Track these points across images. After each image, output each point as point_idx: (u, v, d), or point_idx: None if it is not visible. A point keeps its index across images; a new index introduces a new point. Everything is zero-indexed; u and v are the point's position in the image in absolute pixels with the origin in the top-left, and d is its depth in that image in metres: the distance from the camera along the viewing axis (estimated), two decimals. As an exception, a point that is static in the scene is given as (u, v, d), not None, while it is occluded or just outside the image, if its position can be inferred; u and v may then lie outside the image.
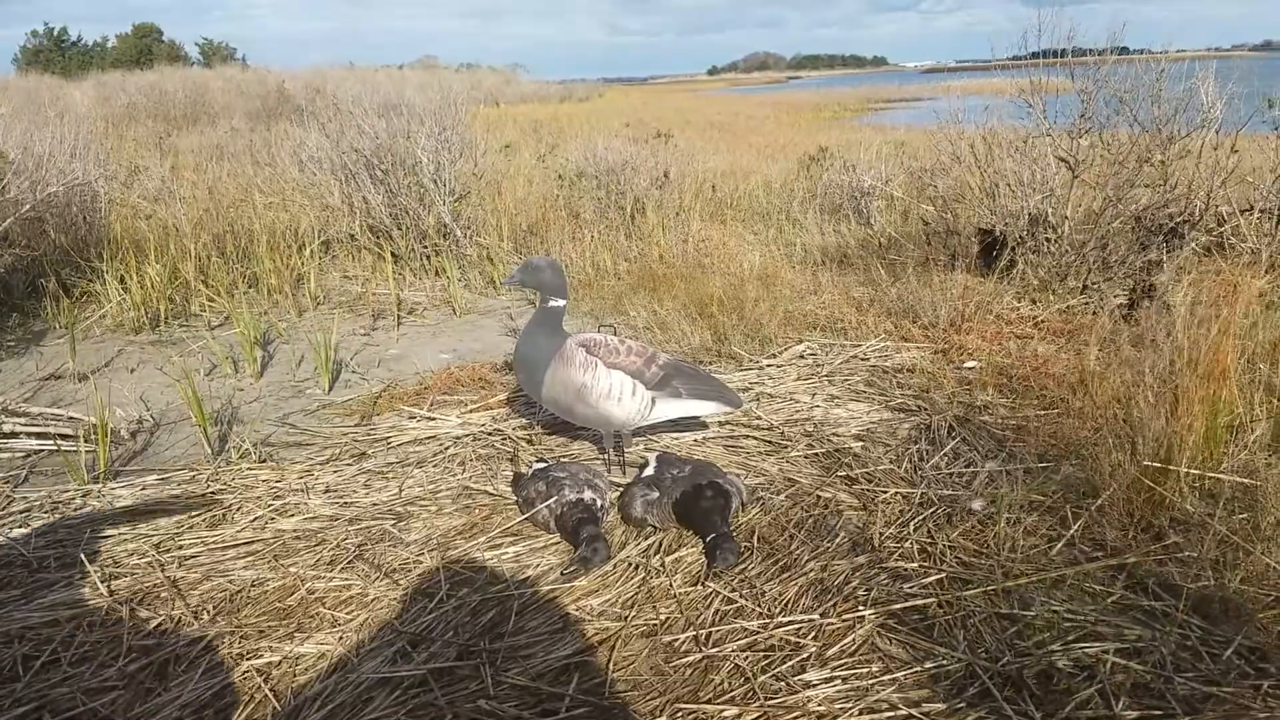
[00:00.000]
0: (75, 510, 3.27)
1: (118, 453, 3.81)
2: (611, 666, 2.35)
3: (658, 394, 3.44)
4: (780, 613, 2.52)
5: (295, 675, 2.35)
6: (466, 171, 7.44)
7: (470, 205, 7.37)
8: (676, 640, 2.44)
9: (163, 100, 19.99)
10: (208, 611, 2.64)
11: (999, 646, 2.30)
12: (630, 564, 2.81)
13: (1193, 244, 5.43)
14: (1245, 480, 2.85)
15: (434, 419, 4.04)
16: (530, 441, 3.81)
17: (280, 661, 2.40)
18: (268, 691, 2.28)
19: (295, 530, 3.10)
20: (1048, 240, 5.51)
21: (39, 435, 3.87)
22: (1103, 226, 5.38)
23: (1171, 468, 2.84)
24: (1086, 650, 2.27)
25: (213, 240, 6.91)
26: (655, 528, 3.01)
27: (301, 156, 8.01)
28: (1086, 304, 5.18)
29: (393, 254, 6.76)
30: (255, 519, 3.17)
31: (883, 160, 8.33)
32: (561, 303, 3.53)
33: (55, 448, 3.72)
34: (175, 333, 5.59)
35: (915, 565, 2.71)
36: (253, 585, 2.76)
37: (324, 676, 2.33)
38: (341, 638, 2.49)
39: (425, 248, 6.99)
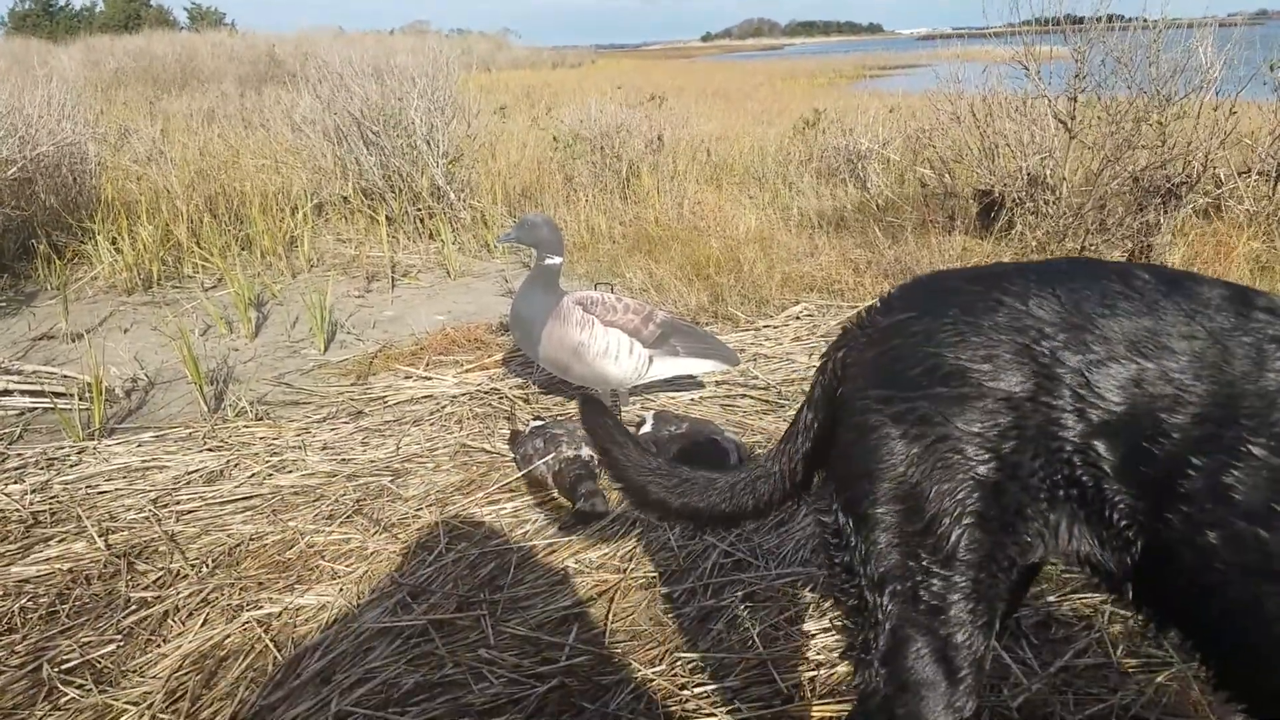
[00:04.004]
0: (71, 466, 3.26)
1: (113, 411, 3.80)
2: (611, 617, 2.36)
3: (655, 352, 3.44)
4: (777, 565, 2.52)
5: (296, 626, 2.36)
6: (459, 133, 7.38)
7: (463, 168, 7.31)
8: (674, 592, 2.44)
9: (151, 64, 19.72)
10: (207, 565, 2.65)
11: (997, 597, 2.31)
12: (628, 519, 2.81)
13: (1190, 206, 5.42)
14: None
15: (430, 379, 4.03)
16: (527, 400, 3.81)
17: (280, 613, 2.40)
18: (268, 641, 2.28)
19: (293, 486, 3.09)
20: (1046, 201, 5.49)
21: (33, 393, 3.85)
22: (1100, 187, 5.36)
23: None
24: (1084, 601, 2.28)
25: (205, 202, 6.85)
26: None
27: (294, 118, 7.93)
28: (1083, 265, 5.16)
29: (386, 217, 6.71)
30: (253, 475, 3.17)
31: (879, 123, 8.27)
32: (558, 260, 3.52)
33: (50, 405, 3.70)
34: (168, 294, 5.55)
35: (913, 519, 2.72)
36: (251, 539, 2.76)
37: (325, 627, 2.33)
38: (342, 589, 2.49)
39: (419, 210, 6.94)
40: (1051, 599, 2.30)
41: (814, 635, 2.22)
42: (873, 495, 1.26)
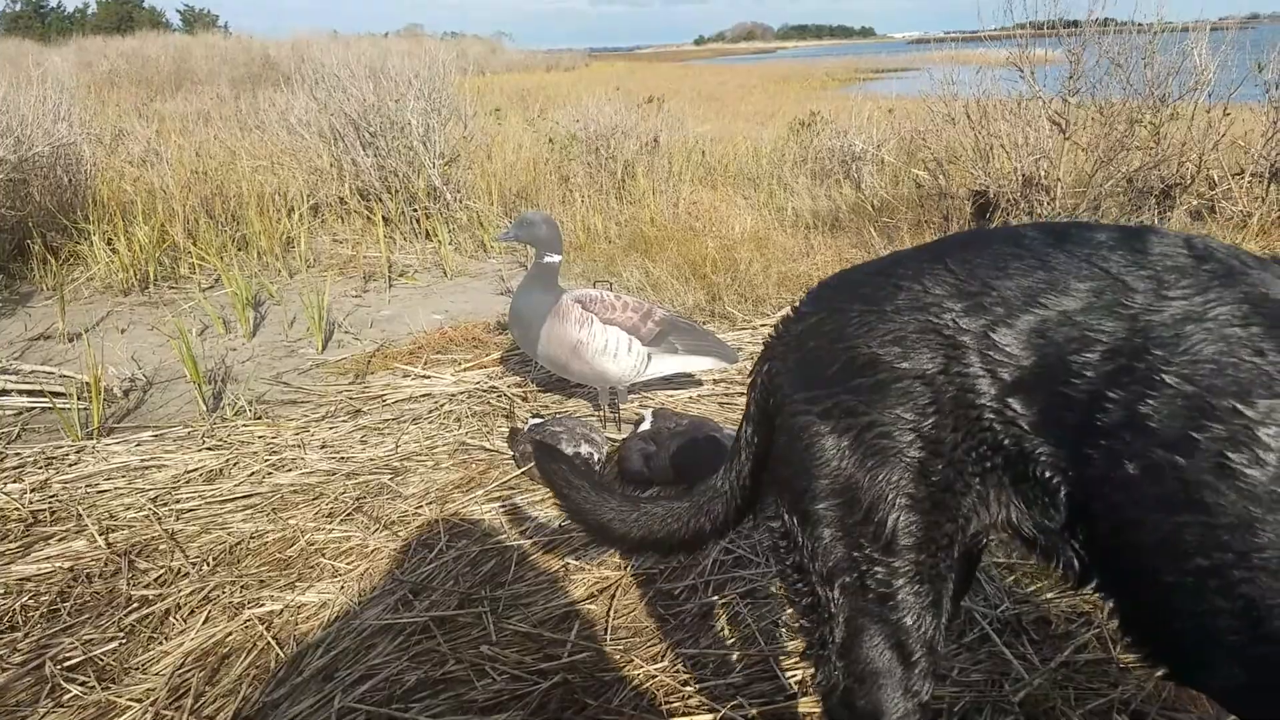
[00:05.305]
0: (70, 465, 3.26)
1: (111, 410, 3.79)
2: (612, 614, 2.36)
3: (653, 350, 3.45)
4: (778, 563, 2.52)
5: (297, 623, 2.36)
6: (456, 135, 7.39)
7: (459, 169, 7.32)
8: (675, 589, 2.45)
9: (145, 66, 19.70)
10: (207, 563, 2.64)
11: (998, 594, 2.32)
12: (629, 516, 2.81)
13: (1183, 207, 5.45)
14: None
15: (428, 377, 4.03)
16: (525, 398, 3.81)
17: (282, 610, 2.40)
18: (270, 639, 2.28)
19: (293, 484, 3.09)
20: (1040, 202, 5.52)
21: (31, 393, 3.84)
22: (1095, 188, 5.39)
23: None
24: (1084, 598, 2.29)
25: (200, 203, 6.84)
26: (652, 481, 3.02)
27: (290, 120, 7.93)
28: (1078, 266, 5.18)
29: (383, 218, 6.71)
30: (252, 473, 3.17)
31: (874, 125, 8.30)
32: (557, 258, 3.52)
33: (49, 404, 3.70)
34: (165, 294, 5.54)
35: (912, 516, 2.73)
36: (252, 537, 2.76)
37: (326, 624, 2.33)
38: (343, 587, 2.50)
39: (415, 211, 6.94)
40: (1050, 595, 2.31)
41: (815, 631, 2.23)
42: (812, 492, 1.29)
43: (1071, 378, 1.11)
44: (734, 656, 2.17)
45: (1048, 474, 1.16)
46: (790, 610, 2.31)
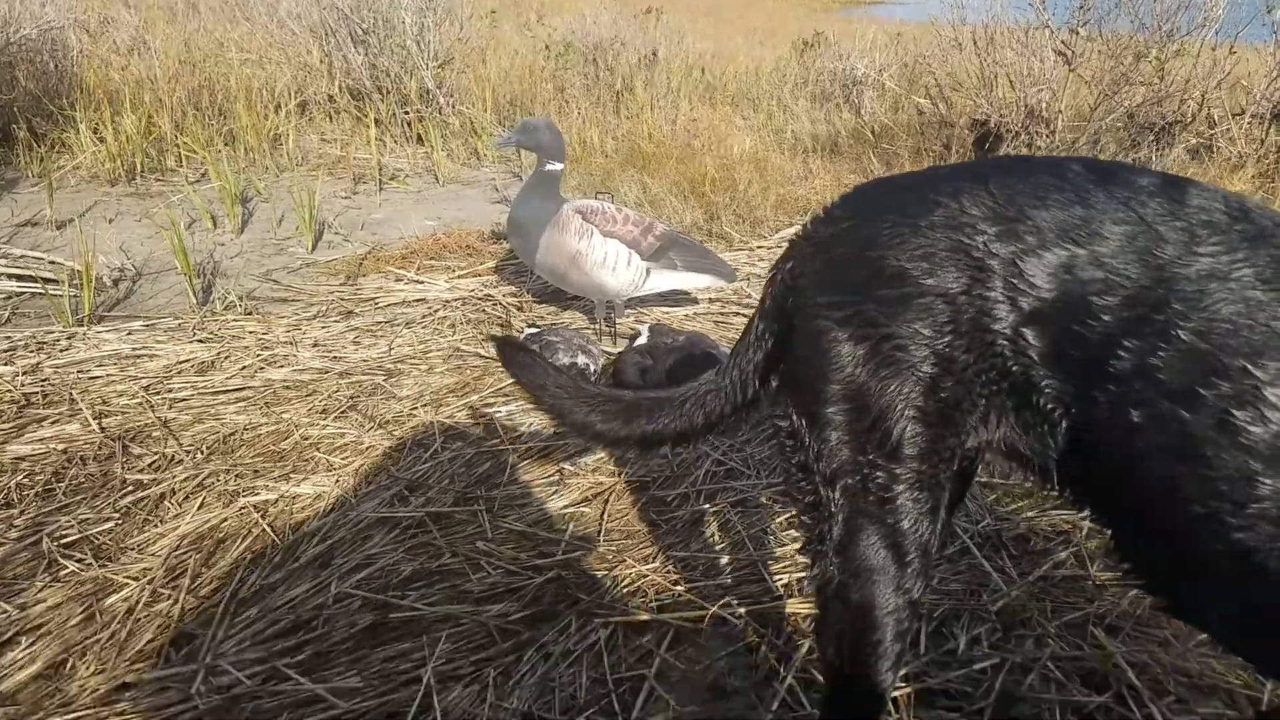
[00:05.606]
0: (61, 351, 3.24)
1: (100, 299, 3.76)
2: (605, 518, 2.40)
3: (653, 265, 3.44)
4: (769, 475, 2.57)
5: (293, 513, 2.38)
6: (450, 36, 7.23)
7: (453, 72, 7.18)
8: (668, 496, 2.49)
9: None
10: (201, 451, 2.66)
11: (979, 510, 2.38)
12: (622, 424, 2.84)
13: (1182, 145, 5.44)
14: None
15: (422, 282, 4.01)
16: (520, 308, 3.81)
17: (277, 500, 2.43)
18: (266, 526, 2.31)
19: (285, 380, 3.10)
20: (1039, 134, 5.49)
21: (20, 277, 3.80)
22: (1095, 122, 5.36)
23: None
24: (1063, 517, 2.35)
25: (188, 95, 6.68)
26: (646, 392, 3.04)
27: (279, 12, 7.73)
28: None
29: (374, 119, 6.59)
30: (244, 368, 3.17)
31: (876, 49, 8.18)
32: (559, 166, 3.49)
33: (39, 290, 3.67)
34: (152, 186, 5.45)
35: (901, 436, 2.77)
36: (245, 429, 2.77)
37: (321, 515, 2.37)
38: (338, 480, 2.52)
39: (407, 113, 6.82)
40: (1031, 514, 2.37)
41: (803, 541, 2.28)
42: (824, 396, 1.32)
43: (1089, 318, 1.12)
44: (723, 560, 2.22)
45: (1050, 406, 1.19)
46: (779, 519, 2.37)
